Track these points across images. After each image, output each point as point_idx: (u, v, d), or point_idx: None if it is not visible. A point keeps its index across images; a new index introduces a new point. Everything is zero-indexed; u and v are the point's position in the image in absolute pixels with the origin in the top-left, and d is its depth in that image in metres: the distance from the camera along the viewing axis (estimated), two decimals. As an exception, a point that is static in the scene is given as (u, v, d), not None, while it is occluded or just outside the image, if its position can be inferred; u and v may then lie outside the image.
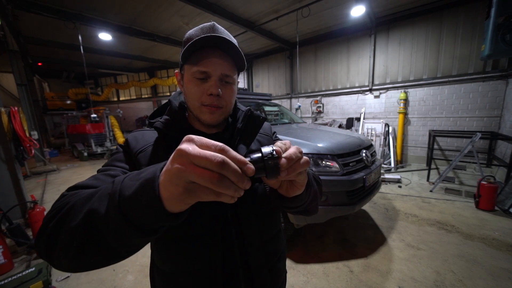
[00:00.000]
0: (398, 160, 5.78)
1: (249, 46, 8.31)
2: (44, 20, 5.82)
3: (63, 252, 0.35)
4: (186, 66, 0.57)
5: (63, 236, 0.35)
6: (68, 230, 0.35)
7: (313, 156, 2.14)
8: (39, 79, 12.38)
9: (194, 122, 0.64)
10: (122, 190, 0.33)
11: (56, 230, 0.36)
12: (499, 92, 4.62)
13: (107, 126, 9.46)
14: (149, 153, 0.57)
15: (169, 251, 0.58)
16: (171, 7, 5.39)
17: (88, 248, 0.34)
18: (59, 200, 0.42)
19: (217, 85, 0.55)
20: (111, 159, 0.59)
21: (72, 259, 0.35)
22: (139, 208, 0.31)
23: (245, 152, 0.63)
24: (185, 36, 0.59)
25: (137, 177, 0.34)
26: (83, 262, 0.36)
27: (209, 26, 0.57)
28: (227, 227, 0.58)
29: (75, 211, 0.36)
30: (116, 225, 0.32)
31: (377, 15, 5.84)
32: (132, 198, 0.32)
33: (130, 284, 2.00)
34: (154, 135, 0.62)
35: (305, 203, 0.56)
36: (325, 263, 2.16)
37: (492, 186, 3.03)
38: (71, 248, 0.34)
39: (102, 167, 0.56)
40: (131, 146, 0.59)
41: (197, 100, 0.57)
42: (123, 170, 0.54)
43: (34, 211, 2.51)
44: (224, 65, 0.55)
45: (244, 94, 3.76)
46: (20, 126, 3.31)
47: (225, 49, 0.55)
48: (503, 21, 2.74)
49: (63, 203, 0.40)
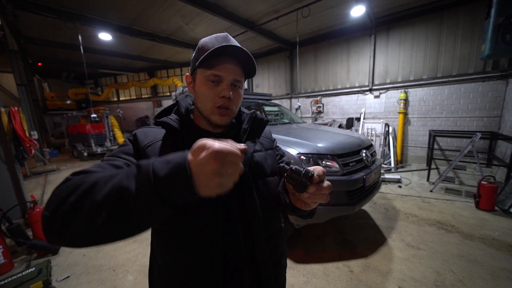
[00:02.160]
0: (398, 160, 5.78)
1: (249, 46, 8.31)
2: (44, 20, 5.83)
3: (84, 224, 0.37)
4: (199, 70, 0.62)
5: (86, 210, 0.37)
6: (94, 204, 0.37)
7: (313, 156, 2.14)
8: (39, 79, 12.38)
9: (201, 123, 0.68)
10: (155, 171, 0.37)
11: (78, 204, 0.38)
12: (499, 92, 4.62)
13: (107, 126, 9.46)
14: (158, 148, 0.60)
15: (170, 245, 0.60)
16: (171, 7, 5.39)
17: (114, 220, 0.37)
18: (69, 181, 0.43)
19: (229, 88, 0.60)
20: (118, 150, 0.60)
21: (93, 231, 0.37)
22: (173, 187, 0.37)
23: (252, 150, 0.69)
24: (200, 44, 0.64)
25: (166, 160, 0.39)
26: (105, 234, 0.38)
27: (223, 36, 0.63)
28: (231, 221, 0.60)
29: (99, 187, 0.38)
30: (149, 201, 0.37)
31: (377, 15, 5.84)
32: (167, 179, 0.37)
33: (130, 284, 2.00)
34: (161, 132, 0.65)
35: (311, 212, 0.65)
36: (325, 263, 2.16)
37: (492, 186, 3.03)
38: (96, 220, 0.36)
39: (107, 157, 0.58)
40: (139, 140, 0.61)
41: (209, 101, 0.61)
42: (127, 162, 0.55)
43: (34, 211, 2.51)
44: (236, 71, 0.62)
45: (244, 94, 3.73)
46: (20, 126, 3.31)
47: (237, 57, 0.62)
48: (503, 21, 2.74)
49: (79, 181, 0.41)
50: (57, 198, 0.40)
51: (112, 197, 0.37)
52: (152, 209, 0.37)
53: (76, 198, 0.38)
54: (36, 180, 6.01)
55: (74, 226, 0.37)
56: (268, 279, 0.65)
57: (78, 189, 0.39)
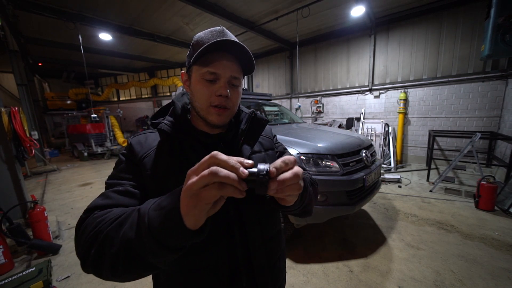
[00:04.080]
0: (398, 160, 5.78)
1: (249, 46, 8.31)
2: (44, 20, 5.83)
3: (110, 272, 0.41)
4: (195, 67, 0.58)
5: (107, 261, 0.41)
6: (111, 256, 0.41)
7: (313, 156, 2.15)
8: (39, 79, 12.39)
9: (198, 123, 0.65)
10: (150, 221, 0.39)
11: (99, 257, 0.42)
12: (498, 92, 4.62)
13: (107, 126, 9.46)
14: (153, 157, 0.59)
15: None
16: (171, 7, 5.39)
17: (132, 267, 0.41)
18: (84, 227, 0.47)
19: (226, 86, 0.57)
20: (117, 170, 0.60)
21: (120, 276, 0.42)
22: (168, 234, 0.38)
23: (249, 153, 0.66)
24: (195, 39, 0.60)
25: (159, 206, 0.40)
26: (130, 276, 0.43)
27: (219, 30, 0.58)
28: (230, 225, 0.59)
29: (111, 239, 0.42)
30: (152, 249, 0.38)
31: (377, 15, 5.84)
32: (161, 228, 0.38)
33: (130, 284, 2.00)
34: (157, 138, 0.63)
35: (299, 208, 0.58)
36: (325, 263, 2.16)
37: (491, 186, 3.04)
38: (117, 269, 0.41)
39: (109, 181, 0.58)
40: (136, 151, 0.60)
41: (205, 100, 0.58)
42: (131, 184, 0.56)
43: (35, 211, 2.50)
44: (233, 68, 0.58)
45: (244, 94, 3.76)
46: (21, 126, 3.31)
47: (234, 52, 0.57)
48: (503, 21, 2.74)
49: (93, 231, 0.44)
50: (82, 248, 0.44)
51: (123, 250, 0.40)
52: (159, 255, 0.39)
53: (96, 252, 0.42)
54: (37, 180, 6.01)
55: (104, 275, 0.43)
56: (264, 284, 0.64)
57: (96, 240, 0.43)
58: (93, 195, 4.48)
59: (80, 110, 12.02)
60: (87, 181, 5.59)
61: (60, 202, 4.22)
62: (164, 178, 0.57)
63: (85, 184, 5.37)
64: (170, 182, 0.56)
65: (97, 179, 5.75)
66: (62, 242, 2.74)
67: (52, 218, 3.08)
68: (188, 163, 0.57)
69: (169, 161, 0.58)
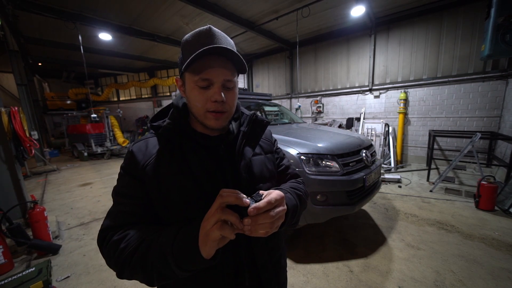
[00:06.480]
0: (398, 160, 5.78)
1: (249, 46, 8.31)
2: (44, 20, 5.83)
3: (144, 283, 0.54)
4: (187, 74, 0.58)
5: (140, 279, 0.53)
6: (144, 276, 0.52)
7: (313, 156, 2.14)
8: (39, 79, 12.38)
9: (197, 126, 0.65)
10: (175, 255, 0.48)
11: (132, 276, 0.53)
12: (499, 92, 4.62)
13: (107, 126, 9.46)
14: (154, 165, 0.59)
15: None
16: (171, 7, 5.39)
17: (157, 281, 0.52)
18: (108, 250, 0.55)
19: (220, 91, 0.56)
20: (120, 185, 0.61)
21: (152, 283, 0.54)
22: (189, 262, 0.48)
23: (251, 154, 0.67)
24: (183, 42, 0.59)
25: (183, 241, 0.48)
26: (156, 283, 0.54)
27: (206, 31, 0.56)
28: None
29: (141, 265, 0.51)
30: (176, 272, 0.48)
31: (377, 15, 5.84)
32: (183, 259, 0.48)
33: (130, 284, 2.00)
34: (157, 143, 0.63)
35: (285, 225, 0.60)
36: (325, 263, 2.16)
37: (492, 186, 3.03)
38: (152, 282, 0.53)
39: (115, 196, 0.61)
40: (138, 159, 0.60)
41: (202, 107, 0.58)
42: (133, 203, 0.59)
43: (34, 211, 2.50)
44: (225, 71, 0.56)
45: (244, 94, 3.76)
46: (20, 126, 3.30)
47: (225, 54, 0.56)
48: (503, 21, 2.75)
49: (121, 259, 0.52)
50: (116, 268, 0.54)
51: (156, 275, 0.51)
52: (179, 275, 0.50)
53: (129, 274, 0.53)
54: (36, 180, 6.01)
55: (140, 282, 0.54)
56: (269, 281, 0.66)
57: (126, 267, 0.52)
58: (93, 195, 4.49)
59: (80, 110, 12.03)
60: (87, 181, 5.59)
61: (60, 202, 4.21)
62: (166, 183, 0.58)
63: (85, 184, 5.37)
64: (172, 187, 0.57)
65: (97, 179, 5.75)
66: (62, 242, 2.74)
67: (52, 218, 3.08)
68: (189, 166, 0.58)
69: (170, 166, 0.59)
